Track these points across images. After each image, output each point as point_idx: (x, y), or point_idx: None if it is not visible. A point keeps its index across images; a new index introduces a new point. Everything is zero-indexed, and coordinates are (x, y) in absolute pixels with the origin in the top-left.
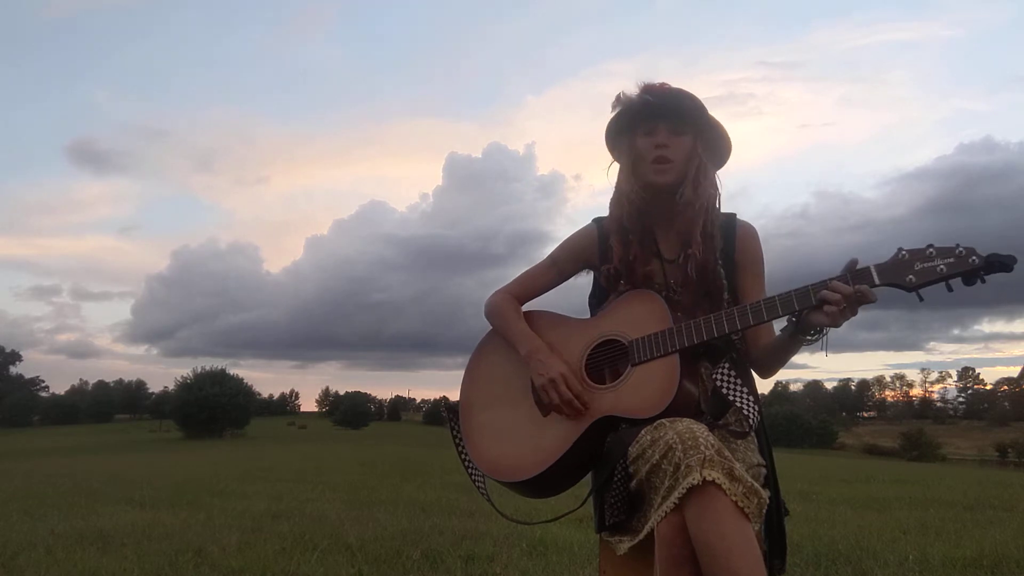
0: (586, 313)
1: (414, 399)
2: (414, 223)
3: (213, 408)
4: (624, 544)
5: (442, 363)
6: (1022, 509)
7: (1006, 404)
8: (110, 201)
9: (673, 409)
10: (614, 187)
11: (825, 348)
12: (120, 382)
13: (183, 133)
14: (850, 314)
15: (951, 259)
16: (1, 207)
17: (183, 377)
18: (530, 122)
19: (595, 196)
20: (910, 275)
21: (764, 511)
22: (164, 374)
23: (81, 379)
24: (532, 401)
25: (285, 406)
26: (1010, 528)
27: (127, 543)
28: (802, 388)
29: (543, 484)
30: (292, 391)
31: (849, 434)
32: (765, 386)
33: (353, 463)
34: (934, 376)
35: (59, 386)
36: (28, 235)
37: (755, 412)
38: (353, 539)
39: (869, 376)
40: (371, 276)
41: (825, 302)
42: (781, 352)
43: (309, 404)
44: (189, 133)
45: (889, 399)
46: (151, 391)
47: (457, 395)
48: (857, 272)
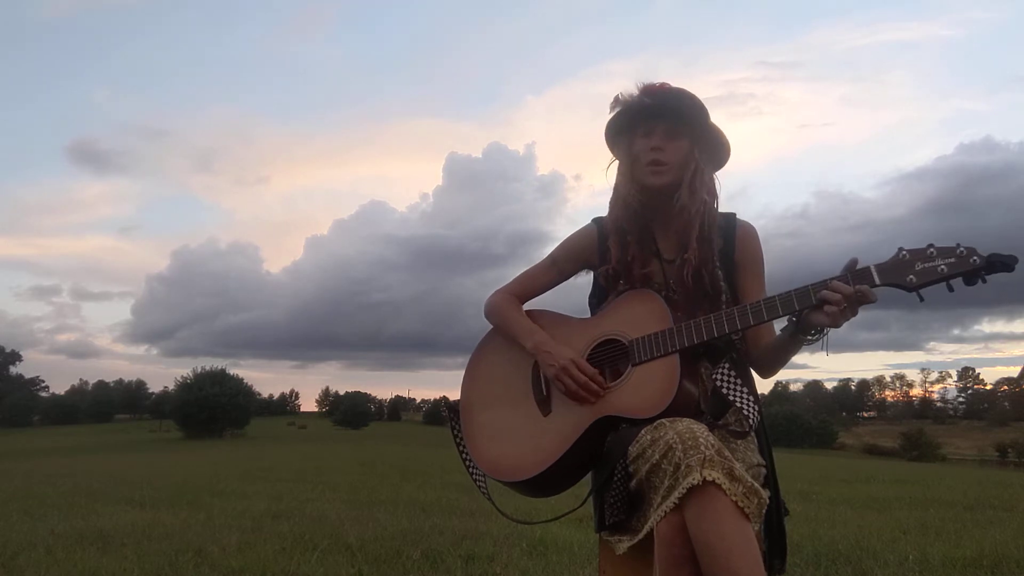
0: (586, 313)
1: (414, 399)
2: (414, 223)
3: (213, 408)
4: (624, 544)
5: (442, 363)
6: (1022, 509)
7: (1006, 404)
8: (110, 201)
9: (673, 409)
10: (612, 188)
11: (825, 348)
12: (120, 382)
13: (183, 133)
14: (850, 314)
15: (952, 259)
16: (1, 207)
17: (183, 377)
18: (530, 122)
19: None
20: (911, 275)
21: (764, 511)
22: (164, 374)
23: (81, 379)
24: (533, 401)
25: (285, 406)
26: (1010, 528)
27: (127, 543)
28: (802, 388)
29: (543, 484)
30: (292, 391)
31: (849, 434)
32: (765, 386)
33: (353, 463)
34: (934, 376)
35: (59, 386)
36: (28, 235)
37: (755, 412)
38: (353, 539)
39: (869, 376)
40: (371, 276)
41: (825, 302)
42: (781, 352)
43: (309, 404)
44: (189, 133)
45: (889, 399)
46: (151, 391)
47: (457, 395)
48: (857, 272)
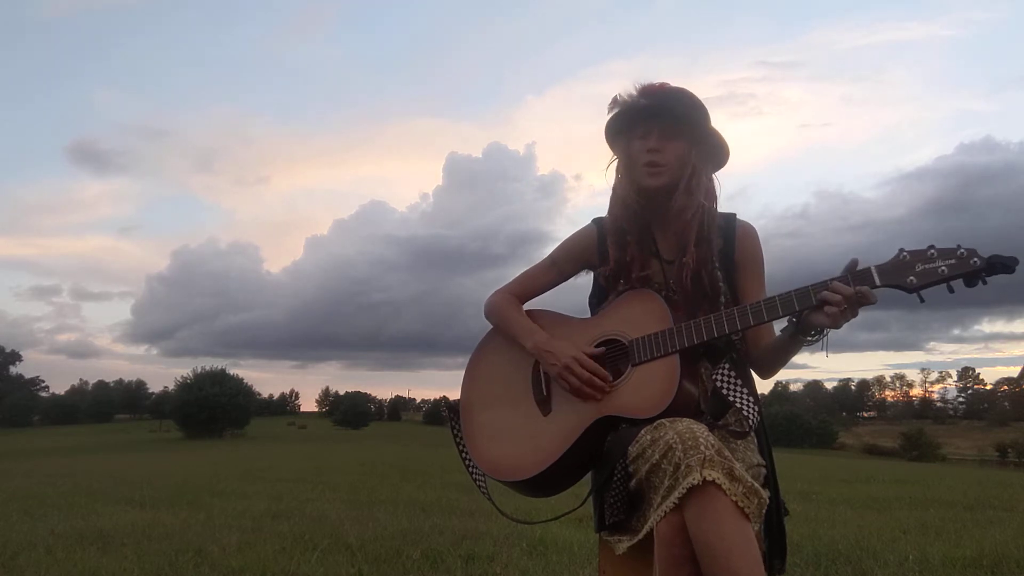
0: (586, 313)
1: (414, 399)
2: (414, 223)
3: (213, 408)
4: (623, 544)
5: (442, 363)
6: (1022, 509)
7: (1006, 404)
8: (110, 201)
9: (673, 409)
10: (611, 188)
11: (825, 348)
12: (120, 382)
13: (183, 133)
14: (851, 315)
15: (952, 260)
16: (1, 207)
17: (183, 377)
18: (530, 122)
19: (595, 196)
20: (911, 276)
21: (764, 511)
22: (164, 374)
23: (81, 379)
24: (532, 400)
25: (285, 406)
26: (1010, 528)
27: (127, 543)
28: (802, 388)
29: (543, 483)
30: (292, 391)
31: (849, 434)
32: (765, 386)
33: (353, 463)
34: (934, 376)
35: (59, 386)
36: (28, 235)
37: (755, 412)
38: (353, 539)
39: (869, 376)
40: (371, 276)
41: (826, 303)
42: (781, 352)
43: (309, 404)
44: (189, 133)
45: (889, 399)
46: (151, 391)
47: (457, 395)
48: (858, 273)
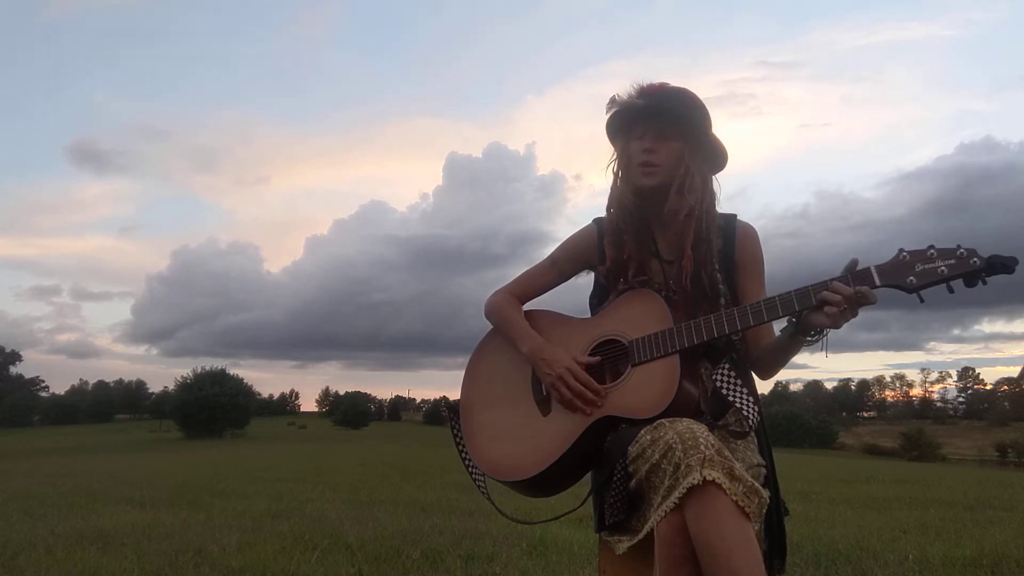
0: (586, 313)
1: (414, 399)
2: (414, 223)
3: (213, 408)
4: (623, 544)
5: (442, 363)
6: (1022, 509)
7: (1006, 404)
8: (110, 201)
9: (673, 409)
10: (609, 188)
11: (825, 349)
12: (120, 382)
13: (183, 133)
14: (850, 315)
15: (952, 260)
16: (1, 207)
17: (183, 377)
18: (530, 122)
19: (595, 196)
20: (911, 276)
21: (764, 511)
22: (164, 374)
23: (81, 379)
24: (532, 401)
25: (285, 406)
26: (1010, 528)
27: (127, 543)
28: (802, 388)
29: (543, 483)
30: (292, 391)
31: (849, 434)
32: (765, 386)
33: (353, 463)
34: (934, 376)
35: (59, 386)
36: (28, 235)
37: (755, 412)
38: (353, 539)
39: (869, 376)
40: (371, 276)
41: (825, 303)
42: (781, 353)
43: (309, 404)
44: (189, 133)
45: (889, 399)
46: (151, 391)
47: (457, 395)
48: (858, 273)
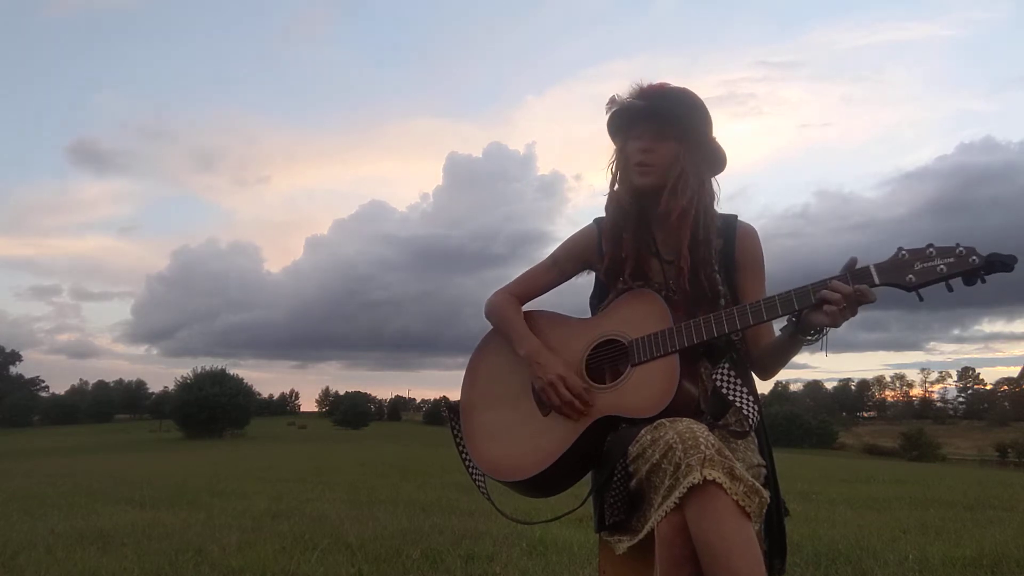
0: (586, 313)
1: (414, 399)
2: (414, 223)
3: (213, 408)
4: (624, 544)
5: (442, 363)
6: (1022, 509)
7: (1006, 404)
8: (110, 201)
9: (673, 409)
10: (608, 187)
11: (825, 348)
12: (120, 382)
13: (183, 133)
14: (850, 314)
15: (951, 259)
16: (1, 207)
17: (183, 377)
18: (530, 122)
19: (595, 196)
20: (910, 275)
21: (765, 511)
22: (164, 374)
23: (81, 379)
24: (532, 401)
25: (285, 406)
26: (1010, 528)
27: (127, 543)
28: (802, 388)
29: (543, 483)
30: (292, 391)
31: (849, 434)
32: (765, 386)
33: (353, 463)
34: (934, 376)
35: (59, 386)
36: (28, 235)
37: (755, 412)
38: (353, 538)
39: (869, 376)
40: (371, 276)
41: (825, 302)
42: (781, 352)
43: (309, 404)
44: (189, 133)
45: (889, 399)
46: (151, 391)
47: (457, 395)
48: (857, 272)
